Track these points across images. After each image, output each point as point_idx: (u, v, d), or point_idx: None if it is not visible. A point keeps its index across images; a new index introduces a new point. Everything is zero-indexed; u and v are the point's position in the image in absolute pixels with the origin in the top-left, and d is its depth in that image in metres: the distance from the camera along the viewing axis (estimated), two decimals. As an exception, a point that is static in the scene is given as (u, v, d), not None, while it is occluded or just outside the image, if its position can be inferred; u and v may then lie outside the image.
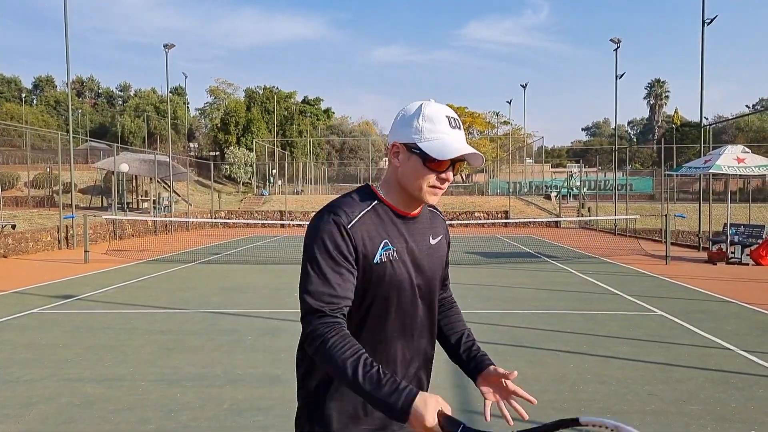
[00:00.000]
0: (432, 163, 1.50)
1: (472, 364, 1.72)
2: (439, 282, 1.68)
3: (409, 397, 1.30)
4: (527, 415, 1.54)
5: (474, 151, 1.51)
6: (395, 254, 1.52)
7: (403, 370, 1.60)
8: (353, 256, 1.47)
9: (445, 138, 1.49)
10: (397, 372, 1.58)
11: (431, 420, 1.28)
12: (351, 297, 1.47)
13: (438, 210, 1.77)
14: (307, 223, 1.56)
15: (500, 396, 1.61)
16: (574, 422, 1.26)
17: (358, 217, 1.49)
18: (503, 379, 1.59)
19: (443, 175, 1.52)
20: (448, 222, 1.90)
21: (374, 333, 1.55)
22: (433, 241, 1.65)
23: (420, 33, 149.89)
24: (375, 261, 1.49)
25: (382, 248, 1.50)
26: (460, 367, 1.75)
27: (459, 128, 1.53)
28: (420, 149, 1.50)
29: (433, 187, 1.53)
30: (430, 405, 1.29)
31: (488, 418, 1.59)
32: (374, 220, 1.52)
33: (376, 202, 1.56)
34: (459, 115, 1.59)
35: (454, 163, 1.53)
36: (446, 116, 1.52)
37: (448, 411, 1.31)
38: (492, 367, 1.64)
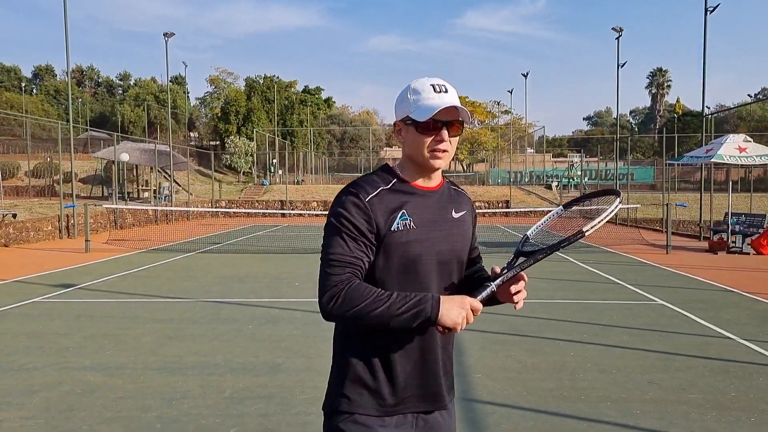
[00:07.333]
0: (424, 129, 1.63)
1: (471, 284, 1.80)
2: (465, 253, 1.79)
3: (435, 298, 1.55)
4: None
5: (452, 103, 1.60)
6: (412, 224, 1.65)
7: (423, 337, 1.69)
8: (370, 229, 1.61)
9: (428, 102, 1.62)
10: (413, 342, 1.69)
11: (466, 303, 1.56)
12: (364, 261, 1.61)
13: (462, 189, 1.88)
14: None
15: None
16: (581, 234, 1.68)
17: (375, 193, 1.64)
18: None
19: (438, 137, 1.63)
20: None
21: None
22: (456, 215, 1.76)
23: (416, 22, 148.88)
24: (392, 229, 1.62)
25: (400, 218, 1.64)
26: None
27: (445, 92, 1.64)
28: (411, 119, 1.64)
29: (433, 151, 1.65)
30: (456, 299, 1.57)
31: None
32: (392, 195, 1.66)
33: (394, 180, 1.70)
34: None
35: (447, 124, 1.63)
36: (431, 84, 1.65)
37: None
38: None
